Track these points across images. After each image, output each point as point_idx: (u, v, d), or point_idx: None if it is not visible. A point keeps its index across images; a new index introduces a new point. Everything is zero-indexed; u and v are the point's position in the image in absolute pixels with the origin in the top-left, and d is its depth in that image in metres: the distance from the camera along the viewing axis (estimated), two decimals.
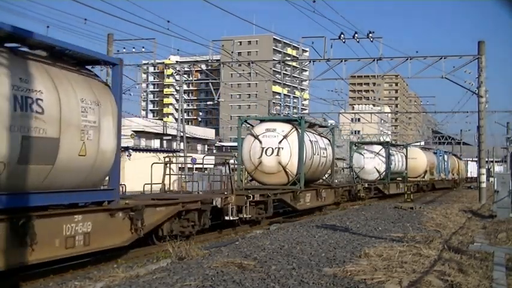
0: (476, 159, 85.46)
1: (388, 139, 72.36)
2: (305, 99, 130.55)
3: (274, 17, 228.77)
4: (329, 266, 9.66)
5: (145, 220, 12.68)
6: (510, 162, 31.41)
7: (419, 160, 47.79)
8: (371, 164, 38.86)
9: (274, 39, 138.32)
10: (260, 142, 22.89)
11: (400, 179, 42.45)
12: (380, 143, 41.72)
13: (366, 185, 35.31)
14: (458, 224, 18.23)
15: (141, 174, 18.40)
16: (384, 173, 38.92)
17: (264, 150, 22.71)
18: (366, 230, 15.64)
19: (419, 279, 8.46)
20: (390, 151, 39.83)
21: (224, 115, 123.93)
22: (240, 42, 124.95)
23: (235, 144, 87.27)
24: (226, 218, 17.38)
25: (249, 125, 24.74)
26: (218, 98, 39.63)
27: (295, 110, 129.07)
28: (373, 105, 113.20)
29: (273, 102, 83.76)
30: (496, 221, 19.21)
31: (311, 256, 10.84)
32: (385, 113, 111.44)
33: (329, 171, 28.85)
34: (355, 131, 76.43)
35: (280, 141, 22.77)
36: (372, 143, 42.11)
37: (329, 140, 27.93)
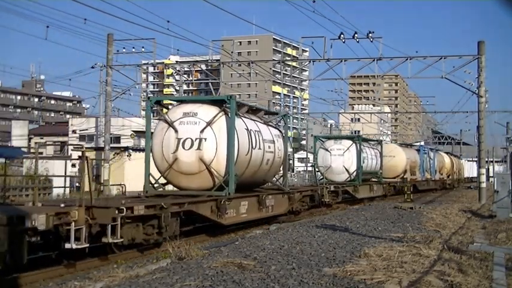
0: (473, 159, 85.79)
1: (388, 139, 71.12)
2: (305, 99, 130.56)
3: (274, 17, 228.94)
4: (329, 266, 9.66)
5: None
6: (510, 162, 31.43)
7: (397, 158, 42.24)
8: (339, 162, 32.42)
9: (274, 39, 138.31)
10: (176, 131, 16.84)
11: (374, 180, 36.86)
12: (350, 137, 34.86)
13: (332, 188, 28.73)
14: (458, 224, 18.23)
15: (141, 174, 18.19)
16: (354, 173, 32.47)
17: (181, 142, 16.59)
18: (365, 230, 15.64)
19: (419, 279, 8.46)
20: (362, 147, 33.40)
21: None
22: (240, 42, 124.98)
23: None
24: (67, 245, 11.03)
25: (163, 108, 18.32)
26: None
27: (295, 110, 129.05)
28: (373, 105, 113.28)
29: (273, 102, 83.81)
30: (496, 221, 19.21)
31: (311, 256, 10.84)
32: (385, 113, 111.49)
33: (281, 172, 22.97)
34: (355, 131, 76.52)
35: (202, 130, 16.68)
36: (340, 137, 35.01)
37: (280, 131, 21.65)
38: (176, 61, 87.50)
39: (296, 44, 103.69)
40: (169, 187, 19.02)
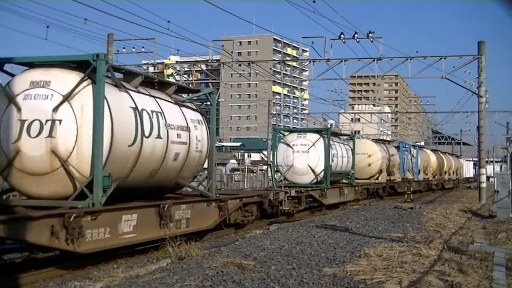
0: (468, 159, 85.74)
1: (388, 139, 69.81)
2: (305, 99, 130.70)
3: (274, 17, 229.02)
4: (329, 266, 9.66)
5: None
6: (510, 162, 31.42)
7: (371, 156, 36.18)
8: (303, 160, 26.60)
9: (274, 39, 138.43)
10: (18, 110, 11.16)
11: (345, 181, 31.56)
12: (317, 130, 28.64)
13: (294, 193, 23.19)
14: (458, 224, 18.23)
15: None
16: (322, 174, 26.57)
17: (25, 126, 11.07)
18: (365, 230, 15.65)
19: (419, 279, 8.47)
20: (331, 142, 27.79)
21: (224, 115, 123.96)
22: (240, 42, 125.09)
23: (236, 144, 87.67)
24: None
25: None
26: (218, 98, 39.59)
27: (295, 110, 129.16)
28: (373, 105, 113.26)
29: (273, 102, 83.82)
30: (496, 221, 19.21)
31: (311, 256, 10.84)
32: (385, 113, 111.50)
33: (202, 171, 17.64)
34: (355, 131, 76.53)
35: (56, 108, 11.16)
36: (305, 130, 29.92)
37: (203, 116, 15.94)
38: (176, 61, 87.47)
39: (296, 44, 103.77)
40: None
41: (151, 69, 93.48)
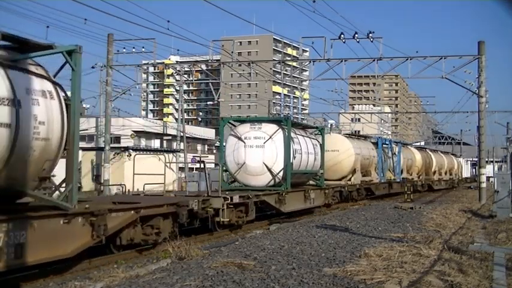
0: (470, 158, 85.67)
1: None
2: (305, 99, 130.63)
3: (274, 17, 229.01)
4: (329, 266, 9.66)
5: None
6: (510, 162, 31.43)
7: (343, 153, 30.86)
8: (257, 157, 21.37)
9: (274, 39, 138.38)
10: None
11: (313, 183, 26.43)
12: (275, 120, 24.07)
13: (237, 199, 17.40)
14: (458, 224, 18.24)
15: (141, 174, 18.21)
16: (281, 174, 21.49)
17: None
18: (365, 230, 15.65)
19: (419, 279, 8.47)
20: (293, 135, 22.76)
21: (224, 115, 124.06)
22: (240, 42, 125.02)
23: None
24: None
25: None
26: (218, 98, 39.69)
27: (295, 110, 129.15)
28: (373, 105, 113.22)
29: (273, 102, 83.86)
30: (496, 221, 19.22)
31: (311, 256, 10.85)
32: (385, 113, 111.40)
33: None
34: (355, 131, 76.54)
35: None
36: (260, 120, 22.98)
37: (55, 84, 10.60)
38: (176, 61, 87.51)
39: (296, 44, 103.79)
40: None
41: (151, 69, 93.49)
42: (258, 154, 21.42)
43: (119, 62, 34.62)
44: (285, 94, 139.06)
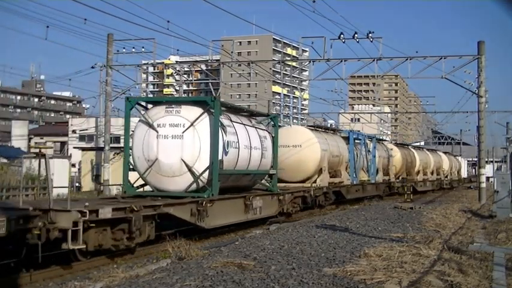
0: (470, 158, 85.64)
1: (388, 138, 68.36)
2: (305, 99, 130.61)
3: (274, 17, 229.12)
4: (329, 266, 9.66)
5: None
6: (510, 162, 31.43)
7: (306, 150, 25.43)
8: (174, 151, 15.83)
9: (274, 39, 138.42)
10: None
11: (260, 186, 21.22)
12: (198, 101, 17.21)
13: (108, 214, 11.98)
14: (458, 224, 18.24)
15: None
16: (207, 174, 15.89)
17: None
18: (365, 230, 15.65)
19: (419, 279, 8.47)
20: (226, 122, 17.10)
21: None
22: (240, 42, 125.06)
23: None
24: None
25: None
26: (218, 96, 39.51)
27: (295, 110, 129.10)
28: (373, 105, 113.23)
29: (273, 102, 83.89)
30: (496, 221, 19.22)
31: (311, 256, 10.85)
32: (385, 113, 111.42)
33: None
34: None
35: None
36: (178, 101, 17.14)
37: None
38: (176, 61, 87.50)
39: (296, 44, 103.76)
40: None
41: (151, 69, 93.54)
42: (175, 147, 15.67)
43: (118, 62, 34.64)
44: (284, 94, 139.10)
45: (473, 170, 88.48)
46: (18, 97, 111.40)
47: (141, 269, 9.79)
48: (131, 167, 16.41)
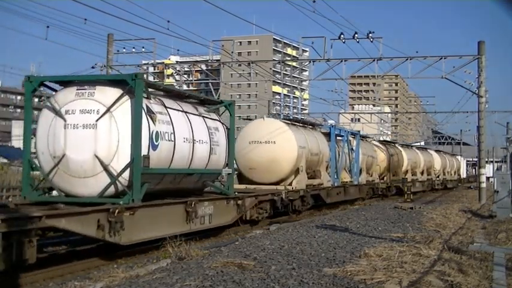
0: (468, 158, 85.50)
1: (388, 139, 68.03)
2: (305, 99, 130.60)
3: (274, 17, 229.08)
4: (329, 266, 9.66)
5: None
6: (510, 162, 31.44)
7: (279, 146, 22.30)
8: (86, 145, 12.40)
9: (274, 39, 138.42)
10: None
11: (215, 189, 17.18)
12: (117, 81, 13.02)
13: None
14: (458, 224, 18.24)
15: None
16: (128, 174, 12.45)
17: None
18: (365, 230, 15.65)
19: (419, 279, 8.47)
20: (158, 109, 13.57)
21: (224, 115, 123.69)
22: (240, 42, 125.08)
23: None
24: None
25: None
26: (218, 98, 39.51)
27: (295, 110, 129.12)
28: (373, 105, 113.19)
29: (273, 102, 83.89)
30: (496, 221, 19.22)
31: (311, 256, 10.85)
32: (385, 113, 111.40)
33: None
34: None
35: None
36: (92, 80, 13.21)
37: None
38: (176, 61, 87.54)
39: (296, 44, 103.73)
40: None
41: (151, 69, 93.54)
42: (87, 140, 12.41)
43: (118, 62, 34.61)
44: (284, 94, 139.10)
45: (473, 170, 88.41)
46: (18, 97, 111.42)
47: (141, 269, 9.78)
48: (34, 165, 13.01)
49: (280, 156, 22.22)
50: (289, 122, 24.54)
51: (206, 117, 16.11)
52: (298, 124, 25.21)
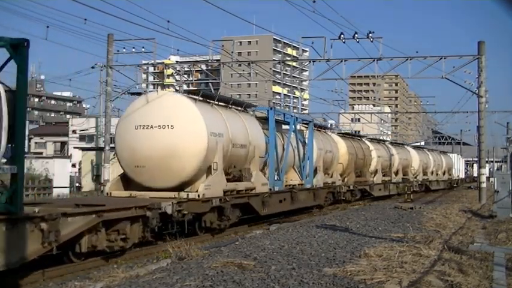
0: (467, 158, 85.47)
1: (388, 138, 67.82)
2: (305, 99, 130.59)
3: (274, 17, 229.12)
4: (329, 266, 9.66)
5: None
6: (510, 162, 31.43)
7: (183, 133, 15.08)
8: None
9: (274, 39, 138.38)
10: None
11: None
12: None
13: None
14: (458, 224, 18.23)
15: None
16: None
17: None
18: (365, 230, 15.64)
19: (419, 279, 8.46)
20: None
21: None
22: (240, 42, 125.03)
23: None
24: None
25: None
26: None
27: (295, 110, 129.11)
28: (373, 105, 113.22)
29: (273, 102, 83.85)
30: (496, 221, 19.21)
31: (311, 256, 10.84)
32: (385, 113, 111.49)
33: None
34: (356, 131, 76.37)
35: None
36: None
37: None
38: (176, 61, 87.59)
39: (296, 44, 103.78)
40: None
41: (151, 69, 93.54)
42: None
43: (118, 62, 34.66)
44: (285, 94, 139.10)
45: (467, 171, 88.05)
46: None
47: (141, 269, 9.78)
48: None
49: (181, 147, 15.02)
50: (196, 97, 16.26)
51: None
52: (213, 102, 17.11)
